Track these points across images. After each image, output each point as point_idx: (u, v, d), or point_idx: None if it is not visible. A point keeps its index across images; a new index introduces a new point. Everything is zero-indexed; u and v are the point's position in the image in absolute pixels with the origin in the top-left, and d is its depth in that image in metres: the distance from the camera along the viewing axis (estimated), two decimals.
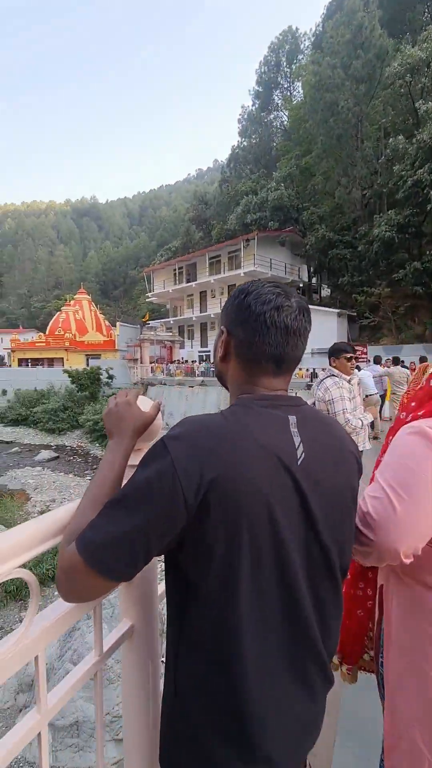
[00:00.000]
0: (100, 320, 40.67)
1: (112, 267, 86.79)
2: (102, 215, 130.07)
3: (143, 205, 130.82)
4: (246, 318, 0.73)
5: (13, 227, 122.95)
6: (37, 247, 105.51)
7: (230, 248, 27.89)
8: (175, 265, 32.84)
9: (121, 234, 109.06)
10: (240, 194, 33.06)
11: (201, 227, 42.05)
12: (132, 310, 62.30)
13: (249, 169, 37.68)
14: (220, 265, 28.78)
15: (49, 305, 68.21)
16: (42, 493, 13.86)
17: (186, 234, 43.21)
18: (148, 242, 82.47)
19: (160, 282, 34.59)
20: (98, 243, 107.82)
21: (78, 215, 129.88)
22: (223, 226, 34.57)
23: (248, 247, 25.86)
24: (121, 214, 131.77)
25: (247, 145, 40.72)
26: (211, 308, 28.86)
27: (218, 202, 40.01)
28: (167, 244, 52.12)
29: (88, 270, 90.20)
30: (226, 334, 0.78)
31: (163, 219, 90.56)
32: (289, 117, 36.06)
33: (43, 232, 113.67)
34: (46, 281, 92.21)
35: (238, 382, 0.77)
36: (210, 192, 48.89)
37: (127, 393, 0.81)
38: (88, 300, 41.72)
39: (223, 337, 0.79)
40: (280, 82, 39.27)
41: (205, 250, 30.29)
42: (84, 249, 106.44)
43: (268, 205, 29.26)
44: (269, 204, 29.19)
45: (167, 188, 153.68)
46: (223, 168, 45.17)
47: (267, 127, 39.73)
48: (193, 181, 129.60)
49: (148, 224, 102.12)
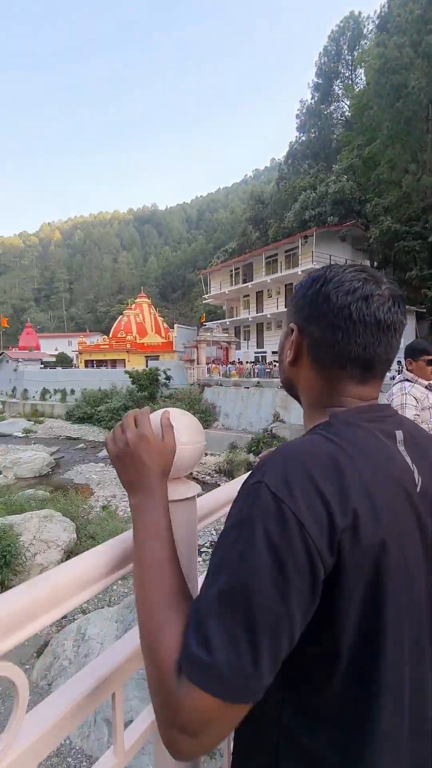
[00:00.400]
0: (159, 322, 42.05)
1: (170, 271, 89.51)
2: (162, 221, 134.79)
3: (201, 209, 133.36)
4: (324, 312, 0.58)
5: (81, 238, 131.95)
6: (102, 255, 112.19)
7: (287, 246, 27.31)
8: (232, 266, 32.90)
9: (180, 238, 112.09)
10: (298, 190, 32.36)
11: (258, 227, 41.86)
12: (189, 312, 63.69)
13: (307, 164, 36.87)
14: (277, 265, 28.30)
15: (113, 309, 72.07)
16: (104, 488, 14.53)
17: (242, 235, 43.19)
18: (205, 245, 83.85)
19: (217, 283, 34.87)
20: (158, 248, 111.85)
21: (140, 223, 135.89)
22: (280, 224, 34.07)
23: (306, 244, 25.12)
24: (180, 219, 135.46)
25: (306, 139, 39.91)
26: (268, 308, 28.47)
27: (275, 201, 39.55)
28: (224, 246, 52.54)
29: (149, 274, 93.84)
30: (297, 332, 0.63)
31: (220, 221, 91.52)
32: (350, 106, 34.60)
33: (108, 241, 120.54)
34: (110, 287, 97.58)
35: (317, 392, 0.62)
36: (267, 191, 48.46)
37: (136, 417, 0.60)
38: (147, 303, 43.36)
39: (292, 337, 0.64)
40: (341, 71, 38.02)
41: (262, 249, 29.96)
42: (145, 255, 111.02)
43: (328, 199, 28.27)
44: (329, 198, 28.18)
45: (224, 191, 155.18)
46: (281, 165, 44.59)
47: (327, 119, 38.59)
48: (250, 182, 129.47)
49: (205, 227, 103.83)
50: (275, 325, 28.72)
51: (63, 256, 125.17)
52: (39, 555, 7.62)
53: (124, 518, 10.82)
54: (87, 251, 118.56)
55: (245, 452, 16.00)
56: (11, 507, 9.16)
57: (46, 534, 7.99)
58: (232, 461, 15.77)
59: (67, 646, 5.12)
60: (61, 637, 5.43)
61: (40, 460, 16.81)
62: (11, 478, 15.56)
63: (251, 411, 18.91)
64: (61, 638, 5.38)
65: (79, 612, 6.97)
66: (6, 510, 8.88)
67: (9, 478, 15.54)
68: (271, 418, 17.50)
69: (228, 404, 20.54)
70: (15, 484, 14.84)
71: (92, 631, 5.14)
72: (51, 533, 8.06)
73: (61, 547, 8.01)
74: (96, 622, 5.35)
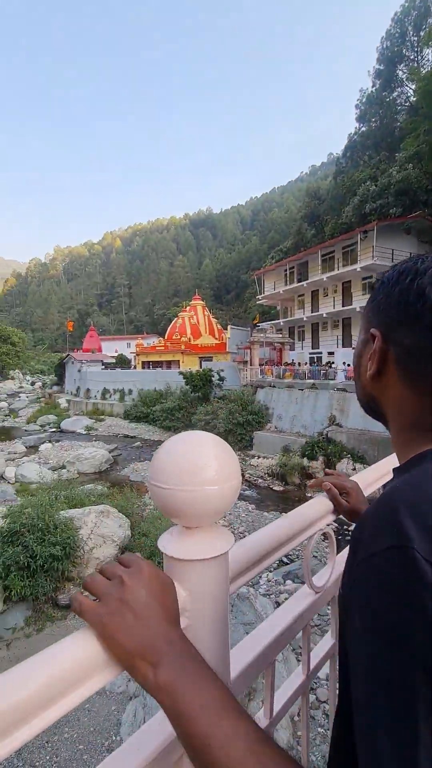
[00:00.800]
0: (213, 324, 42.46)
1: (224, 273, 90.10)
2: (216, 224, 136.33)
3: (255, 210, 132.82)
4: (418, 313, 0.48)
5: (140, 244, 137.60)
6: (159, 260, 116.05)
7: (345, 243, 26.18)
8: (286, 265, 32.27)
9: (234, 240, 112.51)
10: (357, 183, 30.96)
11: (313, 224, 40.77)
12: (243, 313, 63.62)
13: (367, 155, 35.20)
14: (334, 262, 27.23)
15: (169, 312, 74.11)
16: None
17: (297, 233, 42.27)
18: (259, 246, 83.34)
19: (271, 284, 34.41)
20: (212, 251, 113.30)
21: (195, 227, 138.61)
22: (338, 220, 32.85)
23: (366, 239, 23.88)
24: (234, 221, 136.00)
25: (366, 130, 38.22)
26: (324, 308, 27.50)
27: (332, 196, 38.24)
28: (278, 245, 51.80)
29: (203, 277, 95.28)
30: (381, 340, 0.52)
31: (275, 221, 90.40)
32: (416, 90, 32.42)
33: (164, 246, 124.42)
34: (167, 290, 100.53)
35: (414, 412, 0.51)
36: (323, 187, 47.01)
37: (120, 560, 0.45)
38: (202, 305, 43.98)
39: (375, 345, 0.53)
40: (405, 54, 35.94)
41: (318, 247, 29.02)
42: (200, 258, 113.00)
43: (391, 189, 26.71)
44: (392, 189, 26.62)
45: (279, 189, 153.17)
46: (338, 159, 43.04)
47: (389, 106, 36.63)
48: (305, 179, 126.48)
49: (259, 228, 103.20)
50: (331, 325, 27.67)
51: (123, 262, 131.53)
52: (96, 549, 7.97)
53: None
54: (145, 257, 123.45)
55: (299, 456, 15.56)
56: (72, 501, 9.69)
57: (103, 529, 8.33)
58: (285, 465, 15.41)
59: None
60: None
61: (99, 457, 17.70)
62: (74, 473, 16.56)
63: (305, 413, 18.37)
64: None
65: None
66: (67, 504, 9.41)
67: (72, 472, 16.55)
68: (326, 422, 16.86)
69: (281, 406, 20.14)
70: (77, 479, 15.78)
71: None
72: (107, 528, 8.40)
73: (116, 542, 8.31)
74: None
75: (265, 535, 0.71)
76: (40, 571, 6.96)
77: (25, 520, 7.34)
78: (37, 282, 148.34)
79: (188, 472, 0.46)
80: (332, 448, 14.61)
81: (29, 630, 6.62)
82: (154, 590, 0.41)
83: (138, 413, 27.38)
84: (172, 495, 0.46)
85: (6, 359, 60.00)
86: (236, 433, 19.82)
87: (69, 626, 6.76)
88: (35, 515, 7.46)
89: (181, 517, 0.48)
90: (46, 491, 10.31)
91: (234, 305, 76.20)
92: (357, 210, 29.07)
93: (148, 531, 8.95)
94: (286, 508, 12.64)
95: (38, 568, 6.94)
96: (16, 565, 6.81)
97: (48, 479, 14.95)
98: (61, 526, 7.51)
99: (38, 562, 6.90)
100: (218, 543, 0.50)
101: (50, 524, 7.40)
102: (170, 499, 0.46)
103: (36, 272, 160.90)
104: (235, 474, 0.50)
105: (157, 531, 8.78)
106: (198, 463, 0.47)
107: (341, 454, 14.22)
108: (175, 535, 0.51)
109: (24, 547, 6.95)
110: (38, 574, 6.95)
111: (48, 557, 6.98)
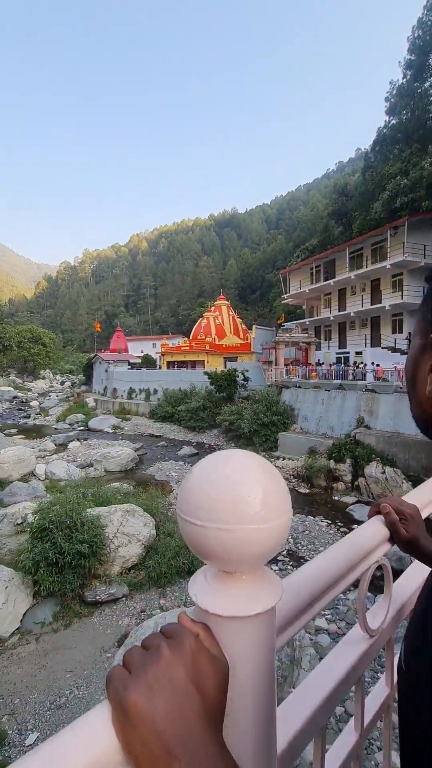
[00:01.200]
0: (238, 324, 42.31)
1: (249, 272, 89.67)
2: (241, 224, 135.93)
3: (280, 208, 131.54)
4: None
5: (165, 245, 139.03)
6: (184, 261, 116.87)
7: (374, 239, 25.45)
8: (312, 263, 31.72)
9: (259, 239, 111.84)
10: (387, 178, 30.06)
11: (341, 221, 39.91)
12: (268, 313, 63.11)
13: (398, 149, 34.13)
14: (362, 259, 26.54)
15: (194, 312, 74.46)
16: None
17: (324, 230, 41.49)
18: (284, 245, 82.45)
19: (296, 283, 33.93)
20: (237, 251, 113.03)
21: (220, 227, 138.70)
22: (366, 216, 32.00)
23: (396, 235, 23.12)
24: (259, 220, 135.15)
25: (396, 122, 37.02)
26: (351, 306, 26.83)
27: (360, 192, 37.31)
28: (304, 244, 51.01)
29: (228, 277, 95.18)
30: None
31: (300, 219, 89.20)
32: None
33: (189, 247, 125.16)
34: (192, 290, 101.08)
35: None
36: (351, 183, 45.93)
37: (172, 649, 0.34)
38: (227, 305, 43.91)
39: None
40: None
41: (345, 244, 28.36)
42: (224, 258, 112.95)
43: (423, 183, 25.80)
44: (424, 182, 25.70)
45: (305, 187, 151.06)
46: (367, 154, 41.91)
47: (421, 97, 35.30)
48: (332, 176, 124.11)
49: (285, 227, 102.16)
50: (359, 324, 26.97)
51: (149, 264, 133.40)
52: (122, 548, 8.05)
53: None
54: (171, 258, 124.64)
55: (325, 458, 15.22)
56: (99, 499, 9.84)
57: (128, 527, 8.41)
58: (311, 467, 15.11)
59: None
60: (139, 632, 5.62)
61: (125, 456, 17.96)
62: (101, 471, 16.88)
63: (332, 415, 17.96)
64: (140, 632, 5.56)
65: (157, 608, 7.19)
66: (94, 502, 9.56)
67: (99, 470, 16.87)
68: (354, 423, 16.42)
69: (307, 407, 19.79)
70: (103, 477, 16.07)
71: None
72: (133, 527, 8.47)
73: (141, 541, 8.37)
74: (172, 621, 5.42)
75: (316, 572, 0.58)
76: (67, 568, 7.09)
77: (53, 516, 7.50)
78: (67, 284, 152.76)
79: (227, 505, 0.36)
80: (360, 451, 14.21)
81: (57, 625, 6.76)
82: (197, 671, 0.32)
83: (163, 413, 27.63)
84: (206, 534, 0.37)
85: (37, 359, 62.11)
86: (261, 434, 19.64)
87: (95, 623, 6.85)
88: (63, 512, 7.61)
89: (219, 560, 0.39)
90: (74, 489, 10.52)
91: (259, 305, 75.71)
92: (387, 205, 28.22)
93: (172, 531, 8.97)
94: (312, 511, 12.39)
95: (66, 565, 7.07)
96: (45, 561, 6.97)
97: (76, 477, 15.31)
98: (88, 524, 7.63)
99: (66, 558, 7.03)
100: (264, 595, 0.40)
101: (78, 522, 7.53)
102: (204, 539, 0.37)
103: (66, 275, 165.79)
104: (286, 508, 0.40)
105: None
106: (240, 495, 0.37)
107: (370, 457, 13.80)
108: (209, 579, 0.41)
109: (53, 544, 7.10)
110: (66, 570, 7.09)
111: (75, 554, 7.10)
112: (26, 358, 61.00)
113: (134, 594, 7.63)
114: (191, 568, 8.11)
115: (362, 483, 13.55)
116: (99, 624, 6.85)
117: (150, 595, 7.61)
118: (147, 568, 8.02)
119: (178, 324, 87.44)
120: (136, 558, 8.18)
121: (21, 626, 6.62)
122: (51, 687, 5.49)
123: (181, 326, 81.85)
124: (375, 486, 13.12)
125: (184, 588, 7.86)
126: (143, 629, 5.65)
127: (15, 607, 6.63)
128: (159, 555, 8.18)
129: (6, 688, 5.49)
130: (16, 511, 10.29)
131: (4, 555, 8.23)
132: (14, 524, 10.01)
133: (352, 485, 14.00)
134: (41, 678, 5.67)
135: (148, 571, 7.98)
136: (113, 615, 7.07)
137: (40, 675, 5.72)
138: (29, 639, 6.47)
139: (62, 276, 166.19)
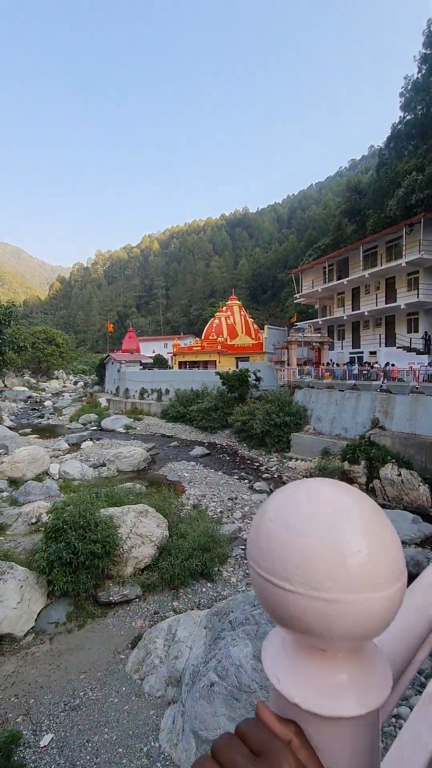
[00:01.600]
0: (249, 324, 42.07)
1: (261, 272, 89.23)
2: (252, 223, 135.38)
3: (292, 207, 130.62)
4: None
5: (177, 246, 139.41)
6: (196, 261, 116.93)
7: (389, 237, 25.01)
8: (325, 262, 31.37)
9: (270, 239, 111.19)
10: (402, 175, 29.55)
11: (354, 220, 39.42)
12: (280, 312, 62.69)
13: (413, 145, 33.56)
14: (377, 258, 26.11)
15: (205, 312, 74.44)
16: (195, 486, 14.91)
17: (337, 229, 41.04)
18: (296, 244, 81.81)
19: (309, 282, 33.60)
20: (248, 251, 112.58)
21: (231, 227, 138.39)
22: (380, 214, 31.53)
23: (412, 232, 22.68)
24: (271, 219, 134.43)
25: (412, 118, 36.39)
26: (365, 305, 26.44)
27: (374, 189, 36.78)
28: (316, 243, 50.51)
29: (239, 277, 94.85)
30: None
31: (312, 218, 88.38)
32: None
33: (201, 247, 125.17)
34: (203, 290, 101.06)
35: None
36: (364, 181, 45.31)
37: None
38: (238, 305, 43.72)
39: None
40: None
41: (359, 242, 27.96)
42: (236, 258, 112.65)
43: None
44: None
45: (317, 186, 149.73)
46: (381, 151, 41.33)
47: None
48: (345, 174, 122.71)
49: (297, 226, 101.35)
50: (373, 324, 26.55)
51: (160, 264, 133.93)
52: (135, 548, 8.02)
53: (213, 518, 10.90)
54: (182, 258, 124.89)
55: (339, 459, 15.00)
56: (112, 499, 9.84)
57: (141, 528, 8.38)
58: (325, 468, 14.91)
59: (158, 644, 5.22)
60: (153, 634, 5.57)
61: (138, 456, 17.99)
62: (113, 471, 16.94)
63: (346, 415, 17.70)
64: (153, 635, 5.51)
65: (170, 610, 7.13)
66: (107, 502, 9.56)
67: (112, 470, 16.94)
68: (369, 424, 16.14)
69: (320, 407, 19.55)
70: (116, 477, 16.13)
71: (182, 633, 5.16)
72: (146, 528, 8.43)
73: (154, 542, 8.33)
74: (186, 624, 5.37)
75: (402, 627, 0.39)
76: (81, 568, 7.09)
77: (67, 516, 7.51)
78: (80, 285, 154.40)
79: (330, 566, 0.25)
80: (375, 452, 13.94)
81: (71, 625, 6.76)
82: None
83: (175, 413, 27.64)
84: (298, 602, 0.26)
85: (51, 360, 62.96)
86: (273, 435, 19.48)
87: (108, 624, 6.83)
88: (77, 512, 7.62)
89: (313, 636, 0.27)
90: (87, 489, 10.55)
91: (271, 305, 75.28)
92: (402, 202, 27.73)
93: (185, 532, 8.91)
94: None
95: (80, 565, 7.07)
96: (59, 560, 6.98)
97: (89, 476, 15.39)
98: (101, 524, 7.62)
99: (80, 558, 7.03)
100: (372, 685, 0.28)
101: (91, 522, 7.52)
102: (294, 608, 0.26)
103: (79, 276, 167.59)
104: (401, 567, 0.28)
105: (195, 533, 8.72)
106: (344, 551, 0.26)
107: (385, 459, 13.53)
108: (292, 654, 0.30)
109: (66, 544, 7.11)
110: (80, 570, 7.08)
111: (89, 554, 7.10)
112: (40, 358, 61.89)
113: (147, 595, 7.59)
114: (204, 570, 8.04)
115: (377, 485, 13.30)
116: (112, 625, 6.83)
117: (163, 597, 7.56)
118: (160, 570, 7.98)
119: (189, 324, 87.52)
120: (149, 559, 8.15)
121: (35, 626, 6.65)
122: (65, 688, 5.48)
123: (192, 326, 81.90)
124: (390, 488, 12.86)
125: (197, 590, 7.80)
126: (156, 632, 5.60)
127: (30, 606, 6.66)
128: (172, 556, 8.13)
129: (21, 688, 5.50)
130: (30, 511, 10.38)
131: (18, 554, 8.29)
132: (29, 523, 10.10)
133: (367, 487, 13.74)
134: (55, 678, 5.66)
135: (161, 572, 7.94)
136: (126, 616, 7.05)
137: (54, 675, 5.72)
138: (43, 639, 6.48)
139: (75, 277, 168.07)
